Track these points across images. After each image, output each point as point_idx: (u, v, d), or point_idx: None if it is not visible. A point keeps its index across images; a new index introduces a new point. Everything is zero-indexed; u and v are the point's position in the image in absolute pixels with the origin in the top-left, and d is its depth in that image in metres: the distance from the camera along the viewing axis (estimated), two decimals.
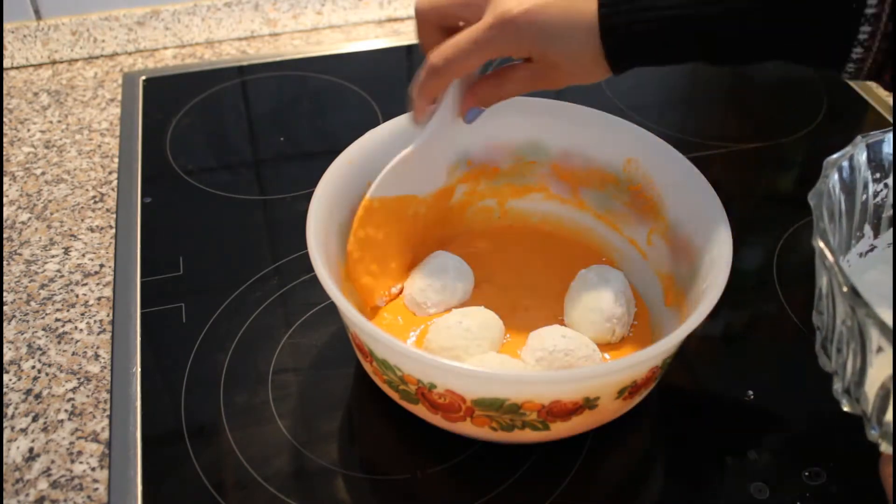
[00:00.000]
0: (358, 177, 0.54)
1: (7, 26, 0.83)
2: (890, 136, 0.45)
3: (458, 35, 0.47)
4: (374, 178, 0.55)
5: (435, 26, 0.49)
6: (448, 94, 0.52)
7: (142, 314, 0.59)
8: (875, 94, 0.82)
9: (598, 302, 0.52)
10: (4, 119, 0.78)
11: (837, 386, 0.42)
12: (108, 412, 0.53)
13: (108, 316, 0.59)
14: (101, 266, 0.63)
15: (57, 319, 0.59)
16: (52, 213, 0.68)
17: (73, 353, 0.57)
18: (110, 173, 0.72)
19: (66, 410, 0.53)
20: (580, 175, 0.59)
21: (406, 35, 0.91)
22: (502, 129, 0.57)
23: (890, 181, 0.46)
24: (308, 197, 0.50)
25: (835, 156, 0.44)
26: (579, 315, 0.53)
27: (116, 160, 0.73)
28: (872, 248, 0.48)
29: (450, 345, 0.50)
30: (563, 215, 0.61)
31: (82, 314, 0.59)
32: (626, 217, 0.58)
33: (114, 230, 0.66)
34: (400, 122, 0.56)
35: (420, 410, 0.47)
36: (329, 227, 0.51)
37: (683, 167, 0.53)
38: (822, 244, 0.39)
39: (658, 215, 0.55)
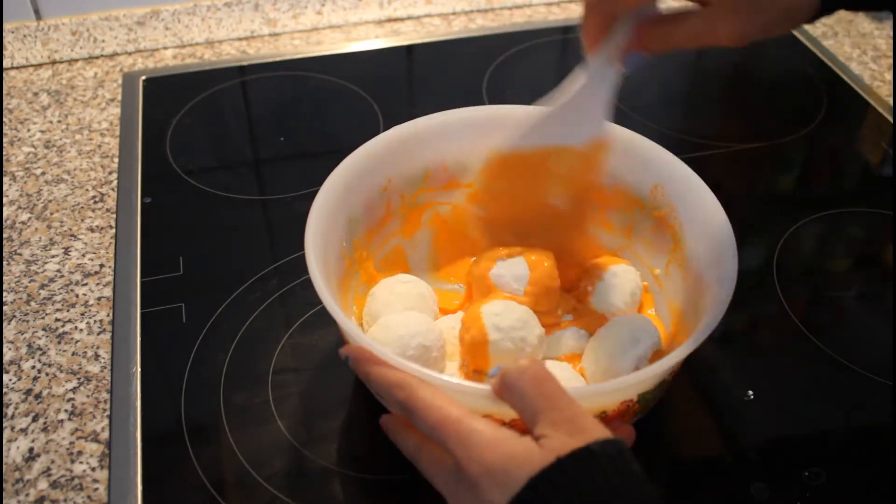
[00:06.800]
0: (356, 184, 0.53)
1: (7, 26, 0.83)
2: None
3: None
4: (375, 184, 0.55)
5: None
6: (615, 37, 0.44)
7: (142, 314, 0.59)
8: (875, 94, 0.82)
9: (618, 371, 0.49)
10: (4, 119, 0.78)
11: None
12: (108, 412, 0.53)
13: (108, 316, 0.59)
14: (101, 266, 0.63)
15: (57, 319, 0.59)
16: (52, 213, 0.68)
17: (73, 353, 0.57)
18: (110, 173, 0.72)
19: (66, 410, 0.53)
20: (607, 196, 0.57)
21: (406, 35, 0.91)
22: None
23: None
24: (308, 197, 0.50)
25: None
26: (594, 375, 0.51)
27: (116, 160, 0.73)
28: None
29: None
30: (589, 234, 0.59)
31: (82, 314, 0.59)
32: (648, 243, 0.56)
33: (114, 230, 0.66)
34: (403, 129, 0.55)
35: None
36: (329, 229, 0.50)
37: (706, 199, 0.52)
38: None
39: (678, 245, 0.54)
